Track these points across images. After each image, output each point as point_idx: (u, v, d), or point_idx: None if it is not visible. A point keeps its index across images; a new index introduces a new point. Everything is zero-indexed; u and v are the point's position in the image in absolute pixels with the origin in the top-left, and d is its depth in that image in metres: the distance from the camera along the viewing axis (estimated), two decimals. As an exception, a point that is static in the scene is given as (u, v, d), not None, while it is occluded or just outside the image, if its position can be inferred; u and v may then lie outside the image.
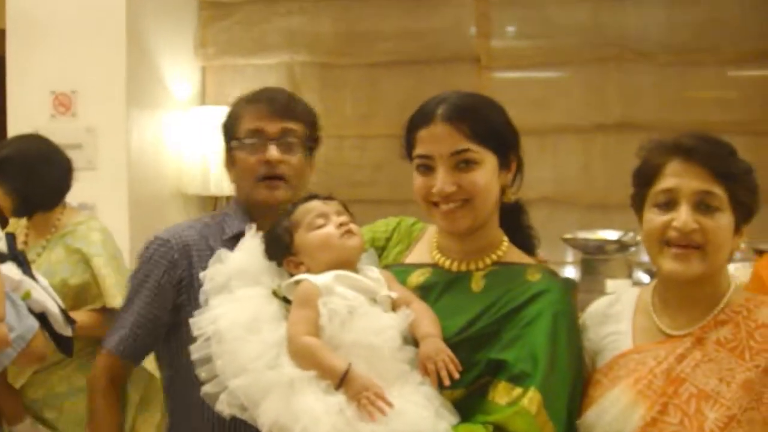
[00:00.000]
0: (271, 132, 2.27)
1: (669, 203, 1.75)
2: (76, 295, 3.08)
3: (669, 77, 4.78)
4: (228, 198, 4.73)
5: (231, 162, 2.37)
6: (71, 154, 4.28)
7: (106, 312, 3.07)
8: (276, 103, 2.30)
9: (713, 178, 1.71)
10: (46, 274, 2.96)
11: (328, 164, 4.88)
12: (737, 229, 1.76)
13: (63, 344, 2.77)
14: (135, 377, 3.16)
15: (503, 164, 1.89)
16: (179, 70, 4.94)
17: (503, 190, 1.92)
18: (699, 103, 4.78)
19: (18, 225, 3.26)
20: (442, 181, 1.82)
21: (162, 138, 4.72)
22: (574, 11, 4.90)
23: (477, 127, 1.83)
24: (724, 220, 1.72)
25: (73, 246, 3.11)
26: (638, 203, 1.84)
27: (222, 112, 4.73)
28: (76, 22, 4.40)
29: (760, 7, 4.72)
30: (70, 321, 2.77)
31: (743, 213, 1.76)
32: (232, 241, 2.08)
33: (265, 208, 2.25)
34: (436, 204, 1.86)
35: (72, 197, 3.31)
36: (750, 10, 4.72)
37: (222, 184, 4.62)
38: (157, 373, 3.01)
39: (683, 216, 1.71)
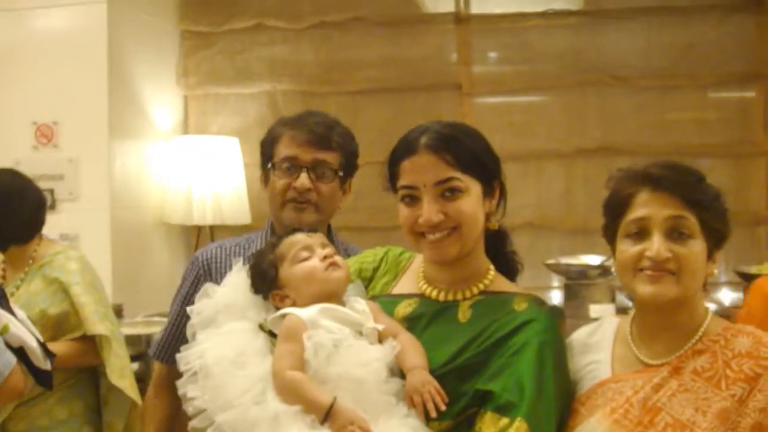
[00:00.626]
0: (304, 161, 2.39)
1: (641, 233, 1.75)
2: (56, 325, 3.06)
3: (648, 101, 4.84)
4: (211, 228, 4.73)
5: (265, 181, 2.52)
6: (53, 185, 4.31)
7: (87, 340, 3.05)
8: (314, 133, 2.40)
9: (684, 206, 1.72)
10: (26, 306, 2.96)
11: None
12: (710, 256, 1.77)
13: (42, 378, 2.75)
14: (118, 405, 3.15)
15: (487, 192, 1.89)
16: (161, 99, 4.95)
17: (487, 218, 1.91)
18: (678, 126, 4.84)
19: None
20: (428, 211, 1.82)
21: (144, 168, 4.72)
22: (554, 37, 4.95)
23: (461, 156, 1.83)
24: (697, 246, 1.73)
25: (51, 276, 3.09)
26: (610, 234, 1.84)
27: (205, 142, 4.79)
28: (58, 53, 4.41)
29: (736, 31, 4.78)
30: (49, 354, 2.76)
31: (715, 239, 1.76)
32: None
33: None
34: (422, 234, 1.85)
35: (54, 228, 3.30)
36: (725, 34, 4.78)
37: (205, 214, 4.62)
38: (140, 401, 3.02)
39: (656, 245, 1.71)
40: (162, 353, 2.55)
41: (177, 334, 2.44)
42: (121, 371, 3.01)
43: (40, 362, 2.75)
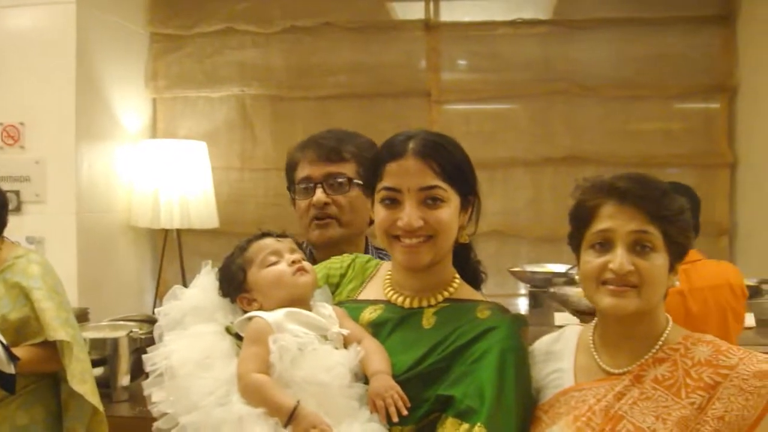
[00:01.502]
0: (317, 177, 2.50)
1: (604, 244, 1.77)
2: (17, 331, 3.00)
3: (615, 111, 4.89)
4: (178, 231, 4.71)
5: (294, 206, 2.62)
6: (19, 187, 4.27)
7: (48, 346, 3.02)
8: (323, 148, 2.50)
9: (648, 220, 1.74)
10: None
11: (276, 197, 4.89)
12: (671, 268, 1.79)
13: (5, 382, 2.72)
14: (79, 412, 3.11)
15: (463, 204, 1.91)
16: (130, 102, 4.92)
17: (459, 230, 1.93)
18: (644, 135, 4.89)
19: None
20: (409, 215, 1.83)
21: (112, 171, 4.70)
22: (523, 46, 4.99)
23: (446, 166, 1.85)
24: (660, 260, 1.75)
25: (12, 280, 3.02)
26: (575, 243, 1.86)
27: (173, 145, 4.77)
28: (26, 54, 4.36)
29: (702, 43, 4.85)
30: (12, 358, 2.73)
31: (677, 252, 1.79)
32: None
33: (321, 247, 2.53)
34: (397, 238, 1.86)
35: (20, 230, 3.27)
36: (692, 46, 4.85)
37: (172, 217, 4.60)
38: (101, 407, 2.99)
39: (618, 258, 1.73)
40: None
41: None
42: (81, 376, 2.97)
43: (4, 366, 2.72)
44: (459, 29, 5.07)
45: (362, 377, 1.79)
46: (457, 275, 1.98)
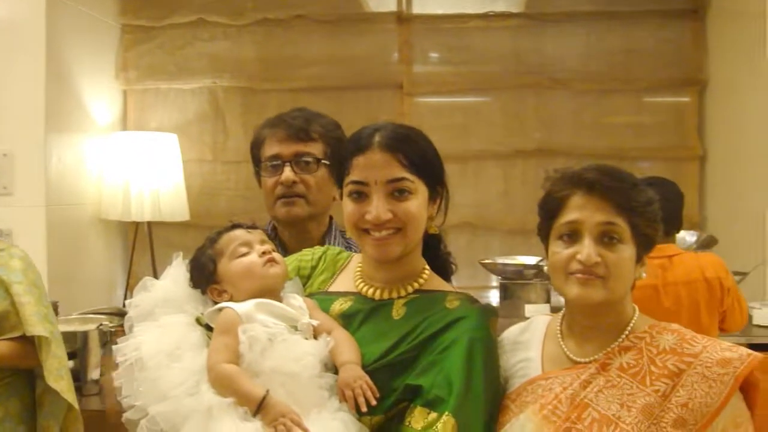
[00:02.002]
0: (286, 155, 2.52)
1: (572, 235, 1.78)
2: None
3: (586, 104, 4.92)
4: (149, 224, 4.69)
5: (259, 184, 2.63)
6: (-14, 180, 4.21)
7: (25, 341, 3.00)
8: (292, 127, 2.53)
9: (616, 211, 1.75)
10: None
11: (248, 189, 4.88)
12: (639, 259, 1.80)
13: None
14: (53, 408, 3.10)
15: (432, 196, 1.92)
16: (100, 94, 4.88)
17: (428, 221, 1.94)
18: (615, 129, 4.92)
19: None
20: (377, 207, 1.83)
21: (81, 163, 4.65)
22: (495, 39, 5.00)
23: (413, 157, 1.85)
24: (627, 252, 1.76)
25: None
26: (544, 234, 1.88)
27: (144, 137, 4.74)
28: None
29: (673, 38, 4.88)
30: None
31: (645, 244, 1.80)
32: None
33: (287, 224, 2.58)
34: (366, 231, 1.87)
35: (-12, 223, 3.24)
36: (663, 41, 4.88)
37: (143, 210, 4.58)
38: (76, 404, 2.98)
39: (586, 249, 1.74)
40: None
41: None
42: (57, 372, 2.95)
43: None
44: (431, 22, 5.07)
45: (332, 367, 1.79)
46: (427, 266, 1.99)
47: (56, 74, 4.40)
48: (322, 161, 2.52)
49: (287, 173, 2.50)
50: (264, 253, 1.93)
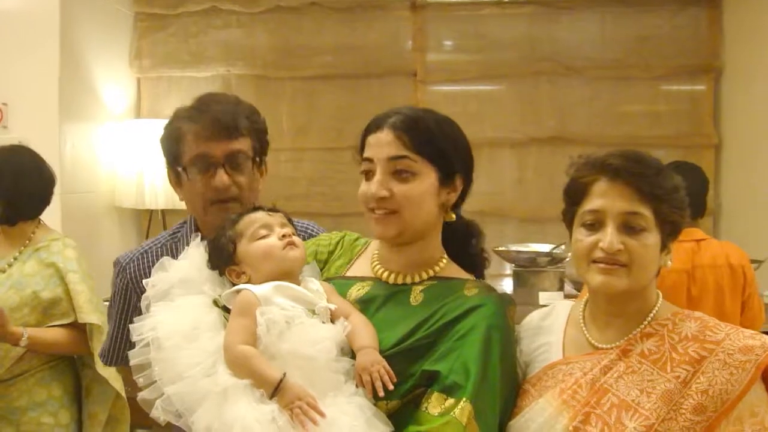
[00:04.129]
0: (217, 156, 2.19)
1: (596, 223, 1.76)
2: (45, 309, 3.08)
3: (601, 91, 4.90)
4: (163, 212, 4.69)
5: (177, 182, 2.30)
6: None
7: (77, 329, 3.07)
8: (220, 123, 2.19)
9: (639, 199, 1.73)
10: (17, 286, 3.03)
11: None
12: (664, 246, 1.79)
13: None
14: (101, 396, 3.16)
15: (444, 182, 1.90)
16: (114, 82, 4.89)
17: (445, 209, 1.93)
18: (630, 117, 4.90)
19: None
20: (375, 183, 1.84)
21: (96, 151, 4.67)
22: (509, 27, 4.99)
23: (419, 138, 1.85)
24: (651, 239, 1.75)
25: (48, 260, 3.12)
26: (568, 220, 1.87)
27: (157, 125, 4.72)
28: (9, 33, 4.33)
29: (688, 24, 4.85)
30: None
31: (671, 231, 1.79)
32: None
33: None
34: (370, 210, 1.87)
35: (3, 209, 3.27)
36: (678, 27, 4.85)
37: (156, 198, 4.59)
38: (123, 392, 3.03)
39: (608, 237, 1.73)
40: (110, 358, 2.46)
41: (120, 346, 2.36)
42: None
43: None
44: (445, 9, 5.07)
45: (349, 352, 1.79)
46: (445, 254, 1.98)
47: (70, 62, 4.42)
48: (255, 158, 2.27)
49: (221, 177, 2.18)
50: (284, 236, 1.92)
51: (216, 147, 2.19)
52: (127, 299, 2.35)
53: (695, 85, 4.91)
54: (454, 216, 1.97)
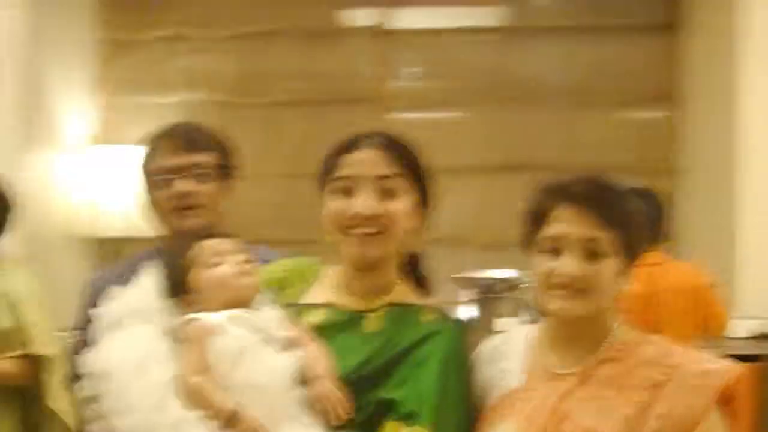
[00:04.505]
0: (175, 167, 2.37)
1: (555, 249, 1.75)
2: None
3: (562, 118, 4.94)
4: (119, 240, 4.63)
5: (149, 200, 2.46)
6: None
7: (27, 360, 2.99)
8: (179, 139, 2.40)
9: (600, 224, 1.72)
10: None
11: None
12: (623, 271, 1.78)
13: None
14: (53, 430, 3.08)
15: (419, 205, 1.90)
16: (77, 109, 4.85)
17: (410, 234, 1.92)
18: (590, 143, 4.94)
19: None
20: (364, 200, 1.81)
21: (53, 178, 4.61)
22: (472, 54, 5.03)
23: (405, 158, 1.85)
24: (610, 265, 1.74)
25: (0, 290, 3.03)
26: (526, 245, 1.85)
27: (117, 152, 4.69)
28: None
29: (646, 52, 4.92)
30: None
31: (630, 256, 1.78)
32: None
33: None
34: (349, 229, 1.84)
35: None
36: (637, 55, 4.92)
37: (114, 225, 4.53)
38: (74, 427, 2.97)
39: (567, 265, 1.72)
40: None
41: None
42: (59, 394, 2.95)
43: None
44: (408, 36, 5.09)
45: (304, 381, 1.76)
46: (400, 280, 1.97)
47: (32, 89, 4.38)
48: (220, 171, 2.43)
49: (178, 185, 2.35)
50: (237, 263, 1.89)
51: (174, 158, 2.38)
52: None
53: (654, 112, 4.98)
54: (419, 245, 1.97)
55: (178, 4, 5.13)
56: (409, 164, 1.86)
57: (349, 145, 1.87)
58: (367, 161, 1.83)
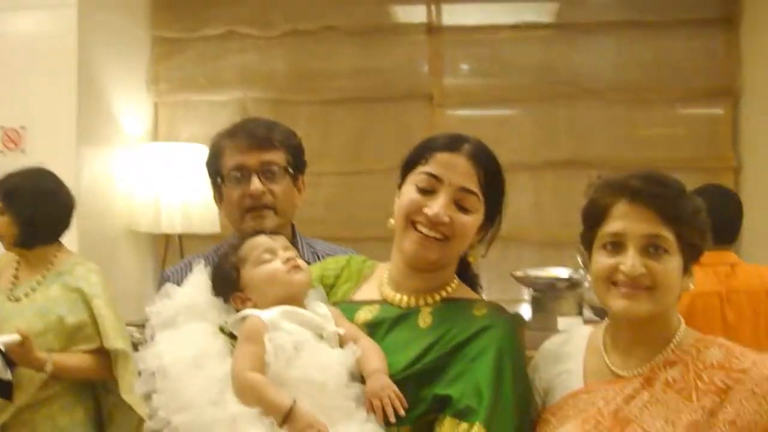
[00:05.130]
0: (252, 165, 2.38)
1: (616, 245, 1.73)
2: (71, 334, 3.08)
3: (618, 115, 4.87)
4: (180, 236, 4.69)
5: (219, 198, 2.48)
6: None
7: (101, 354, 3.06)
8: (254, 137, 2.39)
9: (661, 221, 1.70)
10: (42, 311, 3.03)
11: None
12: (686, 269, 1.75)
13: (2, 388, 2.75)
14: (124, 422, 3.16)
15: (485, 223, 1.90)
16: (131, 106, 4.90)
17: (469, 247, 1.92)
18: (648, 139, 4.87)
19: (8, 260, 3.26)
20: (442, 206, 1.80)
21: (112, 175, 4.68)
22: (526, 50, 4.99)
23: (490, 178, 1.86)
24: (673, 262, 1.71)
25: (72, 285, 3.12)
26: (586, 243, 1.83)
27: (174, 149, 4.74)
28: (27, 57, 4.36)
29: (705, 47, 4.83)
30: (10, 364, 2.76)
31: (692, 254, 1.75)
32: None
33: None
34: (414, 225, 1.84)
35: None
36: (695, 50, 4.84)
37: (173, 221, 4.58)
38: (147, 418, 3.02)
39: (630, 260, 1.69)
40: None
41: None
42: (130, 387, 3.01)
43: (1, 372, 2.75)
44: (461, 33, 5.07)
45: (359, 377, 1.76)
46: (456, 277, 1.96)
47: (88, 86, 4.45)
48: (288, 170, 2.43)
49: (255, 184, 2.37)
50: (288, 259, 1.90)
51: (250, 157, 2.38)
52: None
53: (713, 108, 4.88)
54: (475, 259, 1.96)
55: (231, 2, 5.16)
56: (491, 185, 1.86)
57: (447, 143, 1.86)
58: (459, 169, 1.82)
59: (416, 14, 5.08)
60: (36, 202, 3.11)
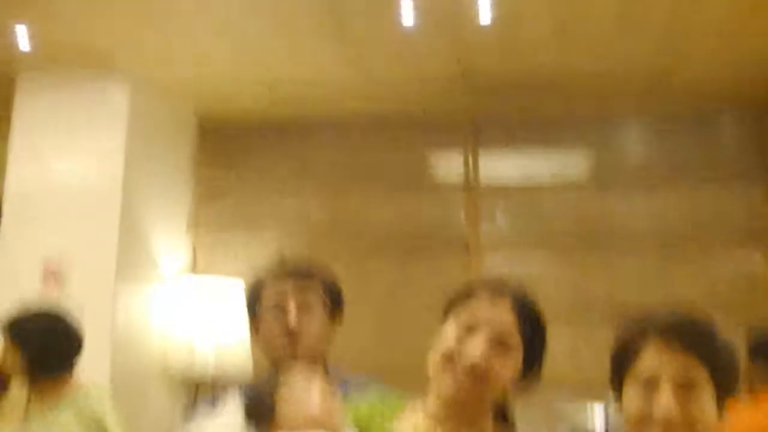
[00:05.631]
0: (289, 290, 2.34)
1: (648, 386, 1.68)
2: None
3: (653, 263, 4.85)
4: (213, 379, 4.64)
5: (255, 331, 2.43)
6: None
7: None
8: (294, 268, 2.39)
9: (695, 361, 1.66)
10: None
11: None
12: (720, 407, 1.70)
13: None
14: None
15: (524, 364, 1.86)
16: (170, 246, 4.99)
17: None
18: (683, 291, 4.83)
19: (20, 391, 3.32)
20: (480, 350, 1.77)
21: (147, 314, 4.70)
22: (562, 199, 5.02)
23: (527, 322, 1.83)
24: (709, 403, 1.66)
25: (86, 410, 3.20)
26: (616, 383, 1.78)
27: (210, 282, 4.76)
28: (73, 195, 4.50)
29: (742, 197, 4.86)
30: None
31: (725, 392, 1.71)
32: None
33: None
34: (452, 365, 1.81)
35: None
36: (732, 202, 4.86)
37: (207, 366, 4.55)
38: None
39: (665, 401, 1.64)
40: None
41: None
42: None
43: None
44: (498, 188, 5.18)
45: None
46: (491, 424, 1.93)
47: (129, 228, 4.53)
48: (326, 300, 2.41)
49: (293, 311, 2.32)
50: (320, 387, 1.88)
51: (288, 283, 2.34)
52: None
53: (752, 258, 4.88)
54: (512, 398, 1.93)
55: (271, 148, 5.31)
56: (529, 328, 1.83)
57: (490, 287, 1.86)
58: (496, 312, 1.81)
59: (453, 165, 5.21)
60: (42, 338, 3.24)
